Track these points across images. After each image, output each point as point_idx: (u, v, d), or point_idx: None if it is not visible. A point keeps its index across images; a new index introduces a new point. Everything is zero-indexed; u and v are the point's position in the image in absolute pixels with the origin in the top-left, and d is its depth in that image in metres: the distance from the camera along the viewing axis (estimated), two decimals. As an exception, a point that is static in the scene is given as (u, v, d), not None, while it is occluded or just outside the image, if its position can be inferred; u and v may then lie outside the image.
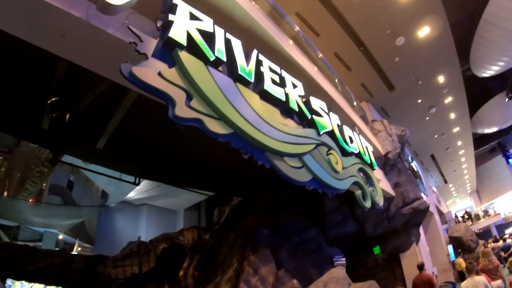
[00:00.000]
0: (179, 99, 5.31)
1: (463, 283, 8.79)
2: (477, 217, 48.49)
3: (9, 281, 17.11)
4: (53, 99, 8.32)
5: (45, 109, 8.69)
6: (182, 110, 5.31)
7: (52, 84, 8.08)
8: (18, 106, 9.10)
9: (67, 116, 8.96)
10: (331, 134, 9.41)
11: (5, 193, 23.18)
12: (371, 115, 20.34)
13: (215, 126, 5.76)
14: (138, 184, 12.35)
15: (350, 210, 13.48)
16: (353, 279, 10.40)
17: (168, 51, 5.54)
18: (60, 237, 26.16)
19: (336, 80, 12.79)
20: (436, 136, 31.49)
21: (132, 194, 26.43)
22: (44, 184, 25.02)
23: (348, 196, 10.59)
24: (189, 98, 5.50)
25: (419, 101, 24.85)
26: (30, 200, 22.61)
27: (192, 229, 17.30)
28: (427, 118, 27.22)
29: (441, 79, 22.97)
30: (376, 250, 14.93)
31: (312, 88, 9.65)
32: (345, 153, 9.93)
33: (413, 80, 21.63)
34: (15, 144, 23.84)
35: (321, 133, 8.84)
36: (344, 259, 12.19)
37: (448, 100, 26.11)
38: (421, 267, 11.59)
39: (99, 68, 6.05)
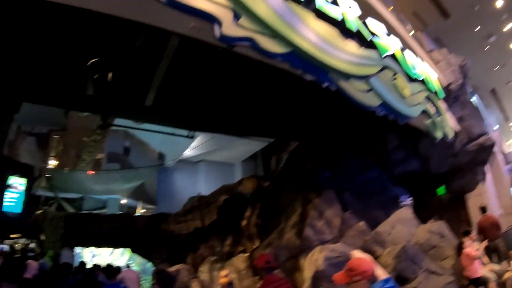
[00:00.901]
0: (225, 18, 5.03)
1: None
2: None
3: (78, 249, 17.71)
4: (93, 60, 8.08)
5: (87, 74, 8.43)
6: (230, 29, 5.04)
7: (89, 46, 7.82)
8: (60, 77, 9.00)
9: (109, 75, 8.74)
10: (394, 57, 8.88)
11: (66, 170, 23.60)
12: (427, 46, 19.12)
13: (270, 45, 5.45)
14: (192, 137, 12.08)
15: (413, 147, 12.70)
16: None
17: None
18: (123, 201, 26.76)
19: (390, 9, 11.88)
20: (496, 68, 29.24)
21: (189, 152, 26.60)
22: (101, 155, 25.75)
23: (411, 131, 10.00)
24: (236, 16, 5.15)
25: (477, 29, 23.05)
26: (90, 172, 23.04)
27: (251, 178, 17.06)
28: (486, 48, 25.28)
29: (499, 3, 21.09)
30: (440, 190, 14.21)
31: (366, 11, 8.93)
32: (410, 78, 9.33)
33: (469, 4, 20.01)
34: (66, 121, 24.24)
35: (383, 56, 8.34)
36: (410, 199, 11.61)
37: (508, 27, 23.94)
38: (484, 209, 10.96)
39: (133, 14, 5.60)
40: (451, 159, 13.55)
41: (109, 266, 7.78)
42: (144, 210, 26.86)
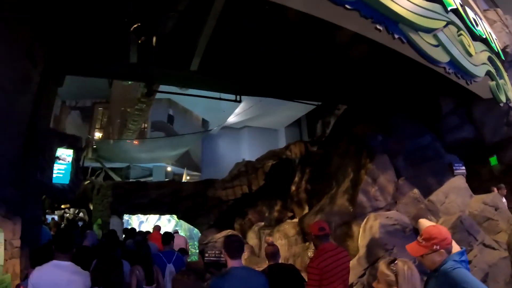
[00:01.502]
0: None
1: None
2: None
3: (126, 216, 18.03)
4: (135, 25, 7.92)
5: (130, 41, 8.27)
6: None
7: (131, 11, 7.64)
8: (103, 46, 8.92)
9: (154, 40, 8.58)
10: (456, 12, 8.31)
11: (111, 141, 23.98)
12: (481, 5, 17.96)
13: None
14: (240, 102, 11.84)
15: (467, 113, 12.05)
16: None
17: None
18: (169, 169, 27.15)
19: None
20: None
21: (232, 118, 26.51)
22: (145, 125, 25.96)
23: (466, 95, 9.47)
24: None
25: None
26: (135, 142, 23.32)
27: (298, 143, 16.82)
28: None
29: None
30: (493, 160, 13.48)
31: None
32: (473, 36, 8.82)
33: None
34: (110, 93, 24.46)
35: (448, 10, 7.80)
36: (464, 167, 11.07)
37: None
38: None
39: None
40: (505, 128, 12.81)
41: (166, 233, 7.75)
42: (188, 178, 27.09)
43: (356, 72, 10.30)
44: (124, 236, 11.86)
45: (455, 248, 3.29)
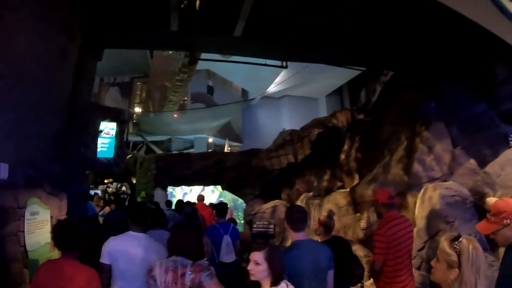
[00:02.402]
0: None
1: None
2: None
3: (169, 188, 18.03)
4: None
5: (170, 8, 8.21)
6: None
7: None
8: (141, 15, 8.85)
9: (197, 3, 8.29)
10: None
11: (151, 114, 23.99)
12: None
13: None
14: (286, 67, 11.40)
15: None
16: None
17: None
18: (210, 140, 27.10)
19: None
20: None
21: (272, 88, 26.23)
22: (185, 97, 25.85)
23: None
24: None
25: None
26: (175, 114, 23.19)
27: (345, 110, 16.30)
28: None
29: None
30: None
31: None
32: None
33: None
34: (148, 67, 24.38)
35: None
36: (520, 138, 10.32)
37: None
38: None
39: None
40: None
41: (221, 204, 7.65)
42: (230, 148, 27.00)
43: (405, 35, 9.97)
44: (174, 208, 11.78)
45: None
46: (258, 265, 2.78)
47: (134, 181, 19.07)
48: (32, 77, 5.98)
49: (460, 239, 2.26)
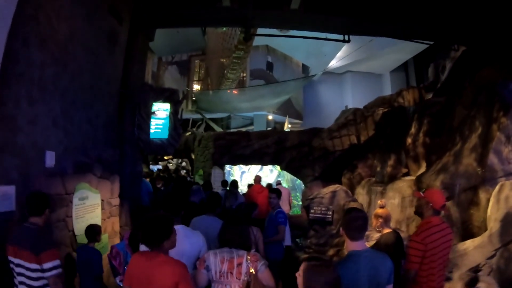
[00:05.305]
0: None
1: None
2: None
3: (227, 167, 17.89)
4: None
5: None
6: None
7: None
8: None
9: None
10: None
11: (210, 92, 23.99)
12: None
13: None
14: (349, 41, 10.73)
15: None
16: None
17: None
18: (270, 117, 26.80)
19: None
20: None
21: (334, 63, 25.43)
22: (244, 74, 25.55)
23: None
24: None
25: None
26: (234, 91, 23.08)
27: (412, 89, 15.17)
28: None
29: None
30: None
31: None
32: None
33: None
34: (205, 44, 24.38)
35: None
36: None
37: None
38: None
39: None
40: None
41: (275, 188, 7.70)
42: (290, 126, 26.60)
43: (480, 3, 9.36)
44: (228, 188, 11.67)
45: None
46: (299, 277, 2.68)
47: (193, 158, 19.16)
48: (78, 64, 5.92)
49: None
